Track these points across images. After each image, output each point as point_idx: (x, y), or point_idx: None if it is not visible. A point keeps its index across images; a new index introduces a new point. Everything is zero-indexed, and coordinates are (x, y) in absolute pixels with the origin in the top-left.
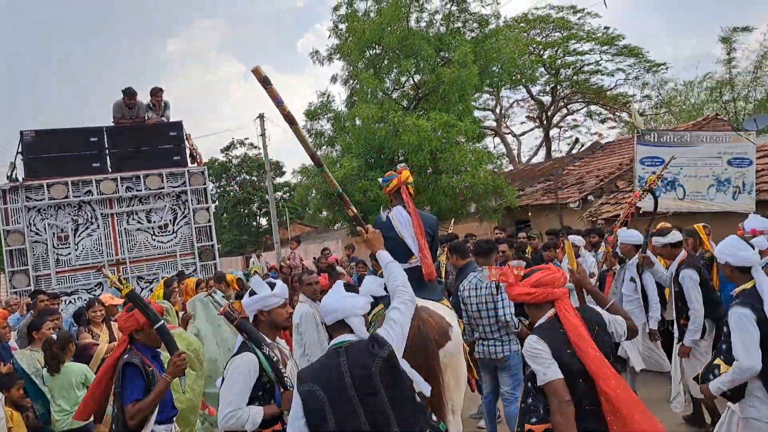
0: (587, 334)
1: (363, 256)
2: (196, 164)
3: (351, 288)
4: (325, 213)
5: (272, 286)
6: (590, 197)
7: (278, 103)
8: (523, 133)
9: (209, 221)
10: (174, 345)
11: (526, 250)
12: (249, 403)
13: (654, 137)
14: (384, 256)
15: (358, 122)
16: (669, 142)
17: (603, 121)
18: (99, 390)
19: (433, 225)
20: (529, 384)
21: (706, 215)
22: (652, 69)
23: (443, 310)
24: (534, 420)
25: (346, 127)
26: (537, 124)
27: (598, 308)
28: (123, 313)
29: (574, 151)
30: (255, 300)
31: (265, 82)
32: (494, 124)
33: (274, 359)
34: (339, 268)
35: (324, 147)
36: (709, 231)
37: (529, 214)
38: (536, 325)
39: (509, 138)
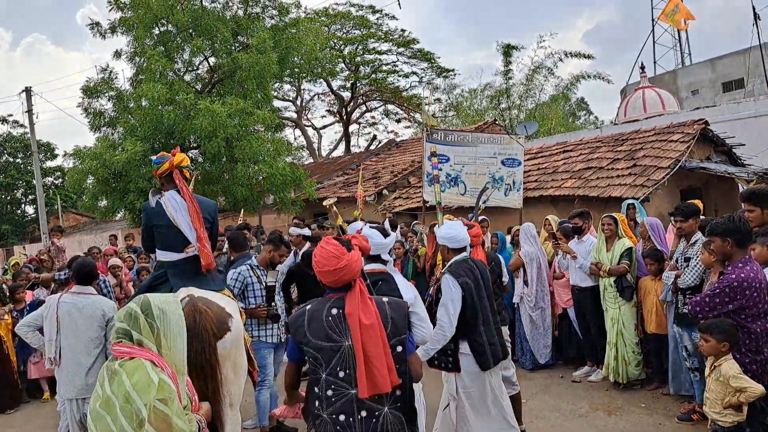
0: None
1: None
2: None
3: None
4: (104, 202)
5: None
6: (385, 191)
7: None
8: (324, 127)
9: None
10: None
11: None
12: None
13: (441, 136)
14: None
15: (144, 103)
16: (453, 141)
17: (398, 121)
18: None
19: (211, 211)
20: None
21: (483, 210)
22: (442, 74)
23: (224, 300)
24: None
25: (131, 108)
26: (337, 119)
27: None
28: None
29: (372, 147)
30: None
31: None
32: (295, 115)
33: None
34: (115, 260)
35: (104, 128)
36: (487, 224)
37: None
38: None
39: (310, 131)
